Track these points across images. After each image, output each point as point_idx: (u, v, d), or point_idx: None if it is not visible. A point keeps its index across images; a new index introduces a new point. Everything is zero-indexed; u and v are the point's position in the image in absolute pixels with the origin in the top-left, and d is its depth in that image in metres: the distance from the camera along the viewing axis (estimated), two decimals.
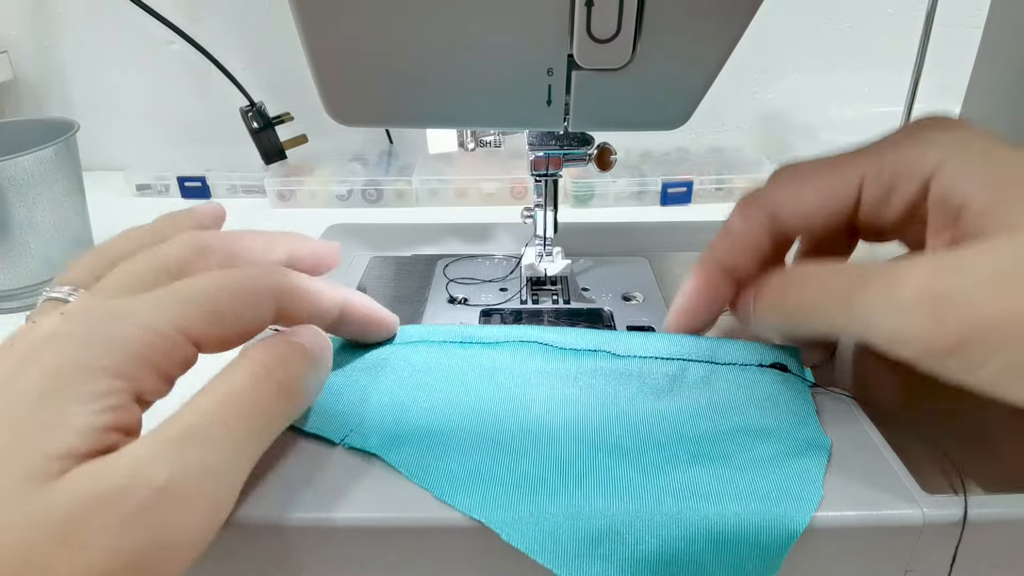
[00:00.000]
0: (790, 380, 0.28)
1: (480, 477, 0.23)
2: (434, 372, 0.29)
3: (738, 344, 0.29)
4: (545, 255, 0.39)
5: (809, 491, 0.23)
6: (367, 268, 0.42)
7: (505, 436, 0.25)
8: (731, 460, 0.24)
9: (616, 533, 0.22)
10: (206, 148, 0.80)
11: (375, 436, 0.25)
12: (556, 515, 0.22)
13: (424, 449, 0.25)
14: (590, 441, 0.25)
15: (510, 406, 0.27)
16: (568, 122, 0.28)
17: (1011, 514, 0.23)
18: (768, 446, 0.25)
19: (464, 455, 0.24)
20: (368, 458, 0.25)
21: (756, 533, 0.22)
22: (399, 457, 0.24)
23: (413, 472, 0.24)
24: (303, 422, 0.26)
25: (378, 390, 0.28)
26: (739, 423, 0.26)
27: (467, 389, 0.28)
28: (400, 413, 0.27)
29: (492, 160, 0.74)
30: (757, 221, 0.27)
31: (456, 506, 0.23)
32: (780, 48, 0.79)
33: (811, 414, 0.27)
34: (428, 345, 0.30)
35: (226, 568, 0.24)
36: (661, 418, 0.26)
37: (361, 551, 0.23)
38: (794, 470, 0.24)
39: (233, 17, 0.78)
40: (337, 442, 0.25)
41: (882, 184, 0.25)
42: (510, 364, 0.29)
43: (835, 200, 0.26)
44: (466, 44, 0.26)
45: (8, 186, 0.50)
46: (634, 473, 0.24)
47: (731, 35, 0.26)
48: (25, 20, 0.79)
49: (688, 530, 0.22)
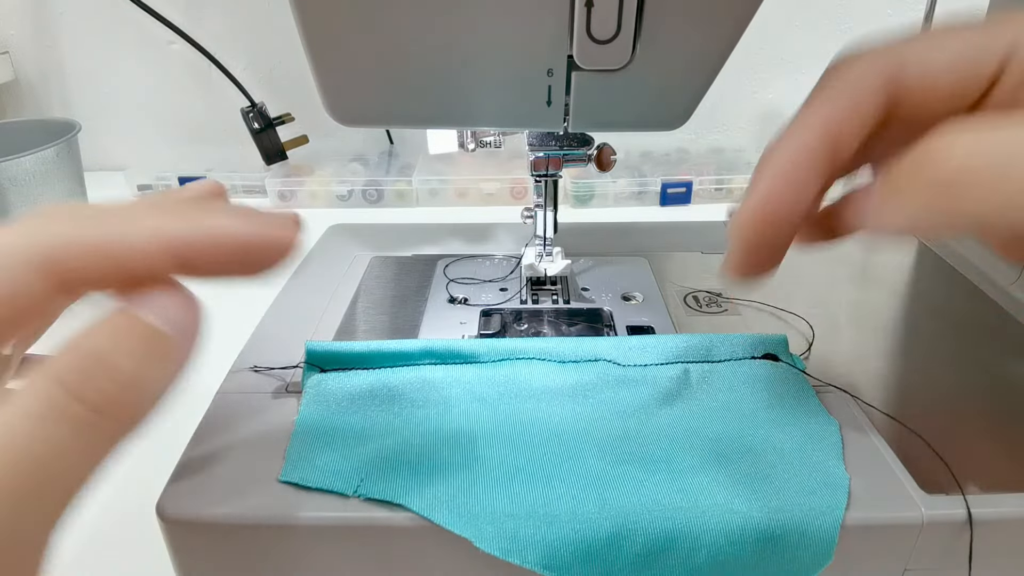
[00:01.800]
0: (784, 369, 0.29)
1: (518, 514, 0.22)
2: (434, 404, 0.27)
3: (729, 339, 0.30)
4: (545, 255, 0.39)
5: (837, 475, 0.24)
6: (367, 268, 0.42)
7: (532, 465, 0.24)
8: (756, 456, 0.25)
9: (667, 549, 0.22)
10: (207, 148, 0.80)
11: (391, 483, 0.24)
12: (602, 540, 0.22)
13: (452, 490, 0.23)
14: (617, 456, 0.25)
15: (526, 432, 0.26)
16: (568, 123, 0.28)
17: (1013, 513, 0.23)
18: (785, 437, 0.25)
19: (495, 491, 0.23)
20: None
21: (802, 525, 0.22)
22: (425, 503, 0.23)
23: (446, 519, 0.22)
24: (307, 478, 0.24)
25: (376, 427, 0.26)
26: (752, 418, 0.27)
27: (474, 419, 0.27)
28: (408, 452, 0.25)
29: (492, 160, 0.74)
30: (871, 80, 0.20)
31: (505, 557, 0.21)
32: (780, 48, 0.79)
33: (813, 399, 0.27)
34: (417, 368, 0.29)
35: (221, 567, 0.24)
36: (678, 423, 0.27)
37: (360, 550, 0.23)
38: (817, 457, 0.24)
39: (233, 17, 0.78)
40: (350, 495, 0.23)
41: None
42: (514, 387, 0.28)
43: (974, 66, 0.20)
44: (466, 44, 0.26)
45: (9, 186, 0.50)
46: (670, 483, 0.23)
47: (731, 35, 0.26)
48: (25, 20, 0.79)
49: (736, 535, 0.22)
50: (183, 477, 0.24)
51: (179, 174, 0.74)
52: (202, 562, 0.24)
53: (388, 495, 0.23)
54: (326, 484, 0.24)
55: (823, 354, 0.32)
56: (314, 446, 0.25)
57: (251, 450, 0.25)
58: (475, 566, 0.23)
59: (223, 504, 0.23)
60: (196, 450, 0.26)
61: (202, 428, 0.27)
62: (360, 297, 0.38)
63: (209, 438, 0.26)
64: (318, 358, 0.29)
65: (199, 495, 0.24)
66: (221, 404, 0.28)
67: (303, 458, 0.25)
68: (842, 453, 0.25)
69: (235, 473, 0.24)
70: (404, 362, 0.30)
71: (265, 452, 0.25)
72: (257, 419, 0.27)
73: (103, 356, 0.16)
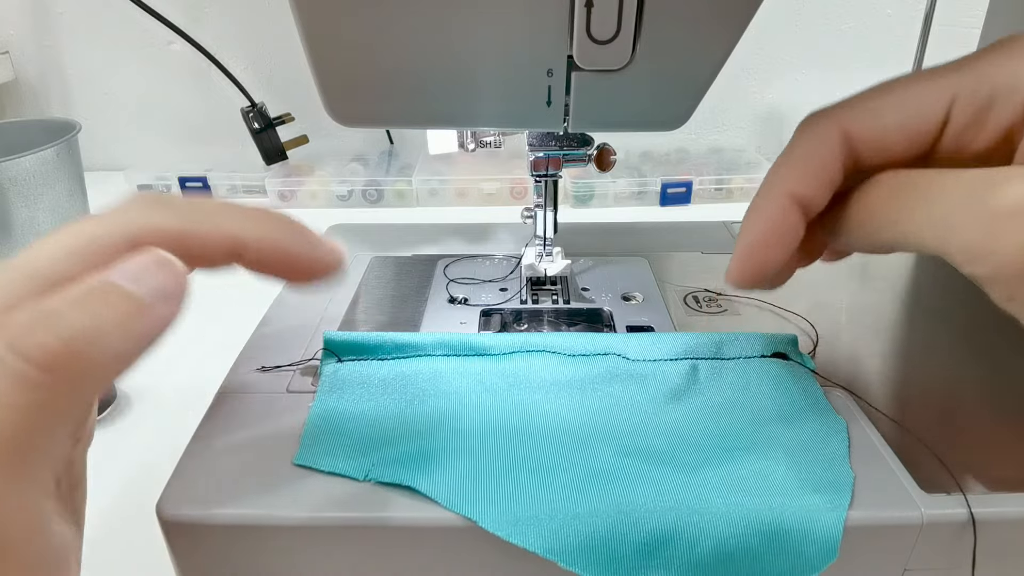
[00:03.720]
0: (793, 367, 0.29)
1: (522, 500, 0.23)
2: (445, 395, 0.28)
3: (740, 337, 0.30)
4: (545, 255, 0.39)
5: (842, 473, 0.24)
6: (367, 268, 0.42)
7: (537, 454, 0.24)
8: (762, 452, 0.25)
9: (671, 539, 0.22)
10: (207, 148, 0.80)
11: (400, 467, 0.24)
12: (605, 529, 0.22)
13: (459, 475, 0.23)
14: (624, 448, 0.25)
15: (534, 422, 0.26)
16: (568, 123, 0.28)
17: (1014, 514, 0.23)
18: (792, 434, 0.26)
19: (500, 478, 0.23)
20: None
21: (807, 521, 0.22)
22: (433, 486, 0.23)
23: (452, 502, 0.23)
24: (320, 462, 0.24)
25: (389, 415, 0.27)
26: (760, 415, 0.27)
27: (484, 409, 0.27)
28: (419, 439, 0.25)
29: (492, 160, 0.74)
30: (828, 142, 0.23)
31: (508, 538, 0.22)
32: (780, 48, 0.79)
33: (821, 397, 0.27)
34: (431, 360, 0.30)
35: (221, 567, 0.24)
36: (686, 418, 0.27)
37: (357, 550, 0.23)
38: (822, 455, 0.25)
39: (233, 17, 0.78)
40: (361, 479, 0.24)
41: (978, 101, 0.22)
42: (524, 378, 0.29)
43: (919, 120, 0.22)
44: (466, 45, 0.26)
45: (9, 187, 0.50)
46: (675, 476, 0.24)
47: (731, 35, 0.26)
48: (25, 20, 0.79)
49: (740, 527, 0.22)
50: (183, 477, 0.24)
51: (179, 174, 0.74)
52: (202, 562, 0.24)
53: (397, 479, 0.24)
54: (338, 468, 0.24)
55: (822, 353, 0.32)
56: (328, 432, 0.26)
57: (251, 450, 0.26)
58: (475, 566, 0.23)
59: (223, 504, 0.23)
60: (196, 450, 0.26)
61: (202, 428, 0.27)
62: (360, 297, 0.38)
63: (209, 438, 0.26)
64: (336, 347, 0.30)
65: (199, 495, 0.24)
66: (222, 404, 0.28)
67: (317, 443, 0.25)
68: (848, 450, 0.25)
69: (235, 473, 0.24)
70: (418, 353, 0.30)
71: (265, 452, 0.25)
72: (258, 419, 0.27)
73: (49, 312, 0.16)
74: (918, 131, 0.23)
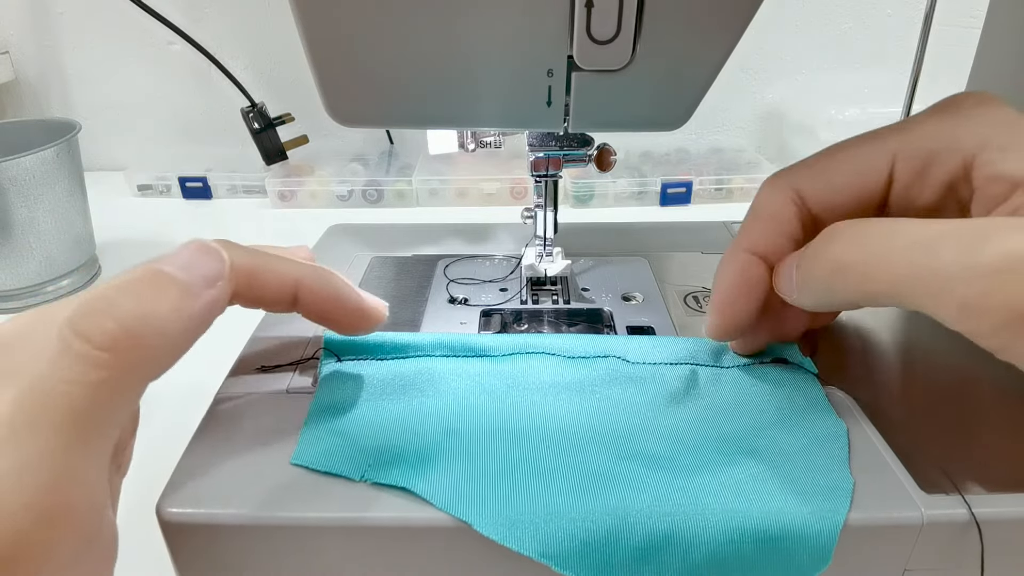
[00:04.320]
0: (794, 371, 0.29)
1: (518, 503, 0.22)
2: (444, 396, 0.28)
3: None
4: (545, 255, 0.39)
5: (841, 480, 0.24)
6: (367, 268, 0.42)
7: (534, 456, 0.24)
8: (761, 457, 0.25)
9: (666, 545, 0.22)
10: (207, 148, 0.81)
11: (396, 468, 0.24)
12: (601, 533, 0.22)
13: (455, 477, 0.23)
14: (622, 452, 0.25)
15: (532, 424, 0.26)
16: (568, 123, 0.28)
17: (1014, 514, 0.23)
18: (792, 439, 0.25)
19: (496, 480, 0.23)
20: None
21: (802, 528, 0.22)
22: (428, 488, 0.23)
23: (447, 503, 0.22)
24: (317, 462, 0.24)
25: (387, 415, 0.27)
26: (759, 419, 0.27)
27: (482, 411, 0.27)
28: (416, 440, 0.25)
29: (492, 160, 0.74)
30: (785, 202, 0.26)
31: (502, 541, 0.22)
32: (780, 48, 0.79)
33: (823, 402, 0.27)
34: (430, 360, 0.30)
35: (221, 567, 0.24)
36: (684, 422, 0.26)
37: (356, 549, 0.23)
38: (822, 460, 0.24)
39: (233, 17, 0.78)
40: (357, 480, 0.24)
41: (918, 161, 0.24)
42: (522, 380, 0.28)
43: (864, 179, 0.24)
44: (466, 45, 0.26)
45: (9, 186, 0.50)
46: (673, 481, 0.23)
47: (731, 35, 0.26)
48: (25, 20, 0.79)
49: (735, 533, 0.22)
50: (183, 477, 0.24)
51: (179, 174, 0.74)
52: (202, 562, 0.24)
53: (393, 480, 0.23)
54: (335, 468, 0.24)
55: (823, 353, 0.32)
56: (326, 431, 0.26)
57: (251, 450, 0.25)
58: (475, 566, 0.23)
59: (223, 504, 0.23)
60: (196, 450, 0.26)
61: (202, 428, 0.27)
62: None
63: (209, 438, 0.26)
64: (336, 347, 0.30)
65: (199, 495, 0.24)
66: (221, 404, 0.28)
67: (314, 442, 0.25)
68: (848, 455, 0.25)
69: (235, 473, 0.24)
70: (417, 353, 0.30)
71: (265, 452, 0.25)
72: (257, 419, 0.27)
73: (105, 297, 0.18)
74: (863, 187, 0.25)
